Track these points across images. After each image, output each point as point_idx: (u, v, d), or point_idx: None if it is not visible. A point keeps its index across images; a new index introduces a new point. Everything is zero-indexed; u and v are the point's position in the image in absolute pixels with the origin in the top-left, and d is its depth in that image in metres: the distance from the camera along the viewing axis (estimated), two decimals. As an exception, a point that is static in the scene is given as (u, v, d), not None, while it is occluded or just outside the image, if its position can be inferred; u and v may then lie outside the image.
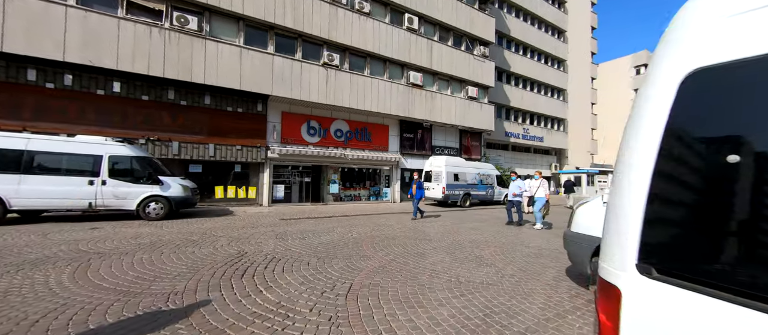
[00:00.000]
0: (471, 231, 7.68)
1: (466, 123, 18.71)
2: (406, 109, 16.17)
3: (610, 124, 40.48)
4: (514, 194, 8.75)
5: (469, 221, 9.58)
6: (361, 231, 7.29)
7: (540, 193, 8.49)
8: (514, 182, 8.94)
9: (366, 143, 15.83)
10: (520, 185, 8.82)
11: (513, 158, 25.72)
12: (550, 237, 7.11)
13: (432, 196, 14.97)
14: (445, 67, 17.80)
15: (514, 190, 8.79)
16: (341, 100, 14.09)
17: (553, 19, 28.01)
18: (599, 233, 3.15)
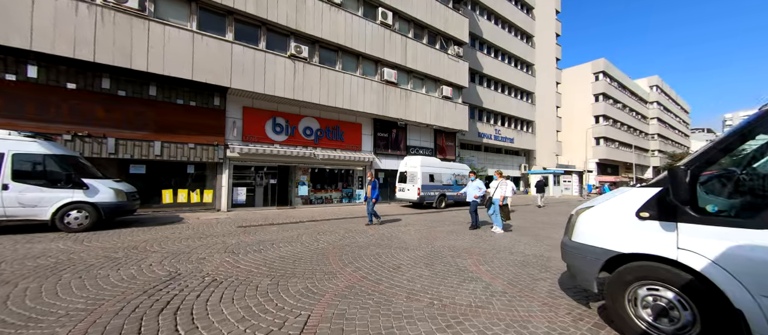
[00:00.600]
0: (449, 236, 7.14)
1: (441, 123, 18.44)
2: (380, 107, 15.50)
3: (572, 127, 42.84)
4: (475, 197, 8.21)
5: (447, 225, 9.08)
6: (329, 239, 6.46)
7: (497, 195, 7.93)
8: (473, 182, 8.38)
9: (338, 143, 14.93)
10: (479, 186, 8.28)
11: (486, 159, 26.05)
12: (531, 241, 6.76)
13: (407, 197, 14.43)
14: (419, 65, 17.39)
15: (474, 192, 8.23)
16: (310, 95, 13.09)
17: (522, 24, 28.85)
18: (611, 245, 2.64)
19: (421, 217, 11.09)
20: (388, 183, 17.02)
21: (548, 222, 10.26)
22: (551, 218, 11.42)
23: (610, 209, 2.66)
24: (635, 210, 2.47)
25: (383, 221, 9.51)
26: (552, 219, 11.19)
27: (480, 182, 8.36)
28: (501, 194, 7.85)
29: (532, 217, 11.77)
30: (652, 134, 55.44)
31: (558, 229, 8.64)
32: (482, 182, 8.58)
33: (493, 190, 8.06)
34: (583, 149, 40.05)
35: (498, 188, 7.97)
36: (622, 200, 2.61)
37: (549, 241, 6.76)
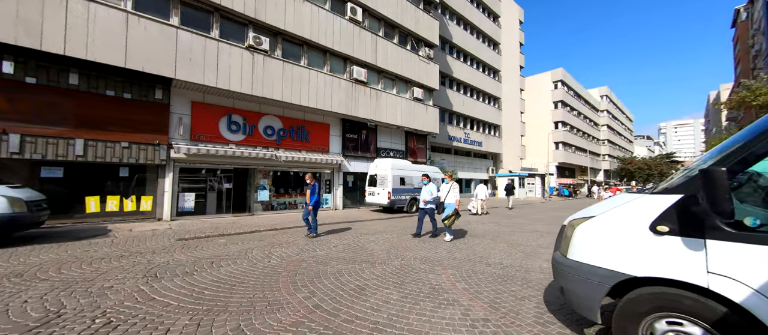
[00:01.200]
0: (421, 245, 6.56)
1: (412, 125, 18.08)
2: (349, 106, 14.72)
3: (534, 132, 45.11)
4: (424, 201, 7.50)
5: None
6: (285, 254, 5.57)
7: (450, 199, 7.30)
8: (426, 186, 7.60)
9: (303, 144, 13.89)
10: (431, 190, 7.54)
11: (455, 162, 26.24)
12: (506, 248, 6.38)
13: (377, 202, 13.77)
14: (390, 65, 16.90)
15: (424, 196, 7.53)
16: (272, 92, 11.97)
17: (489, 32, 29.71)
18: (619, 266, 1.97)
19: (392, 222, 10.47)
20: (357, 187, 16.25)
21: (519, 226, 10.13)
22: (521, 222, 11.37)
23: (616, 221, 2.17)
24: (649, 223, 1.98)
25: (346, 228, 8.73)
26: (522, 222, 11.13)
27: (433, 186, 7.65)
28: (454, 197, 7.26)
29: (504, 220, 11.66)
30: (603, 139, 60.26)
31: (529, 234, 8.46)
32: (435, 186, 7.79)
33: (444, 195, 7.41)
34: (544, 153, 42.27)
35: (450, 192, 7.32)
36: (631, 209, 2.12)
37: (523, 248, 6.43)
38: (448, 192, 7.35)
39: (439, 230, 7.92)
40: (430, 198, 7.47)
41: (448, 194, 7.33)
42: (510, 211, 16.79)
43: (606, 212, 2.28)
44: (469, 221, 11.36)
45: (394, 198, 13.38)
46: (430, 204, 7.49)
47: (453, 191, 7.32)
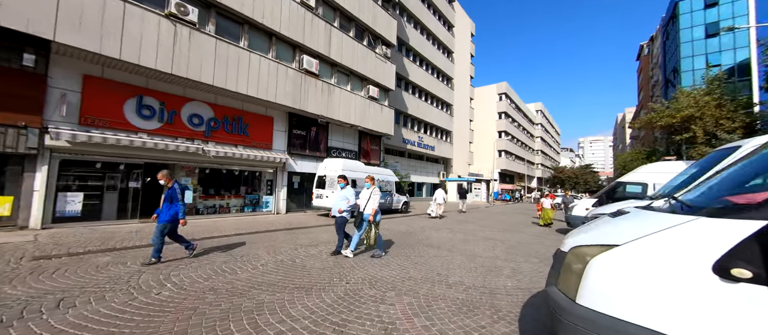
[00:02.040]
0: (368, 262, 5.64)
1: (366, 124, 17.20)
2: (297, 99, 13.24)
3: (480, 139, 47.87)
4: (340, 211, 5.87)
5: (369, 241, 7.60)
6: (188, 279, 4.15)
7: (368, 209, 5.80)
8: (342, 190, 6.11)
9: (240, 137, 12.01)
10: (347, 196, 5.97)
11: (408, 165, 26.09)
12: (464, 262, 5.79)
13: (325, 205, 12.52)
14: (345, 59, 15.81)
15: (339, 204, 5.91)
16: (200, 73, 10.00)
17: (445, 40, 30.45)
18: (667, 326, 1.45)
19: (340, 230, 9.39)
20: (304, 188, 14.76)
21: (471, 233, 9.86)
22: (473, 228, 11.21)
23: (656, 255, 1.49)
24: (713, 262, 1.31)
25: (284, 238, 7.41)
26: (474, 229, 10.95)
27: (350, 191, 6.08)
28: (372, 207, 5.74)
29: (457, 226, 11.38)
30: (537, 150, 66.87)
31: (483, 243, 8.13)
32: (354, 191, 6.19)
33: (363, 202, 5.83)
34: (490, 159, 45.04)
35: (370, 199, 5.81)
36: (677, 238, 1.46)
37: (482, 261, 5.92)
38: (368, 200, 5.82)
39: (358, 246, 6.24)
40: (346, 206, 5.89)
41: (368, 203, 5.80)
42: (462, 214, 17.09)
43: (636, 239, 1.60)
44: (424, 227, 10.83)
45: (344, 202, 12.28)
46: (345, 213, 5.94)
47: (373, 198, 5.83)
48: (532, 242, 8.45)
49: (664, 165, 8.65)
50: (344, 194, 6.04)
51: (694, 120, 19.64)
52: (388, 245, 7.13)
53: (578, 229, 2.46)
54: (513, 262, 5.83)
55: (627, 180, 9.18)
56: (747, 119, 18.79)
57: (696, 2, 31.57)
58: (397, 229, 10.07)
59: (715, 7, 30.42)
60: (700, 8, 31.26)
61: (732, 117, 18.72)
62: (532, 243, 8.20)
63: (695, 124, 19.53)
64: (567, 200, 15.81)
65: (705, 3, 31.02)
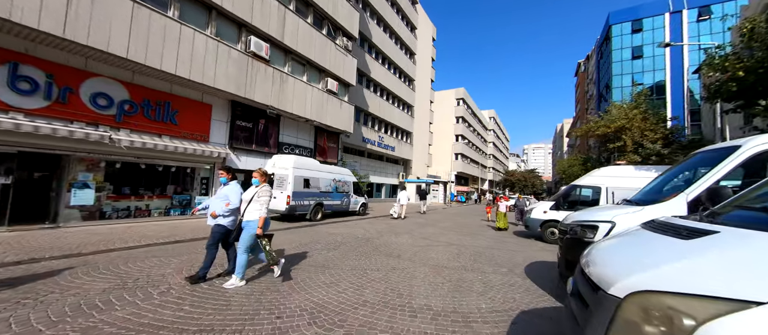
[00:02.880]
0: (318, 276, 4.59)
1: (324, 120, 15.91)
2: (242, 86, 11.53)
3: (438, 142, 48.98)
4: (213, 215, 4.17)
5: (318, 250, 6.50)
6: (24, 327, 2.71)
7: (253, 215, 4.16)
8: (224, 189, 4.31)
9: (166, 126, 10.00)
10: (229, 195, 4.22)
11: (368, 165, 25.21)
12: (429, 274, 5.03)
13: (273, 208, 11.03)
14: (301, 46, 14.38)
15: (214, 207, 4.19)
16: (107, 41, 7.95)
17: (407, 40, 30.25)
18: None
19: (287, 236, 8.10)
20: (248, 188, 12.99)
21: (433, 237, 9.27)
22: (434, 232, 10.68)
23: None
24: None
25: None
26: (435, 232, 10.41)
27: (232, 190, 4.27)
28: (259, 213, 4.11)
29: (418, 230, 10.75)
30: (489, 154, 70.86)
31: (445, 249, 7.53)
32: (239, 190, 4.33)
33: (245, 206, 4.25)
34: (447, 162, 46.23)
35: (253, 200, 4.20)
36: None
37: (448, 273, 5.23)
38: (252, 199, 4.20)
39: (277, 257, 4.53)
40: (224, 211, 4.14)
41: (250, 205, 4.19)
42: (422, 216, 16.76)
43: None
44: (382, 231, 10.00)
45: (294, 203, 10.96)
46: (225, 219, 4.19)
47: (259, 199, 4.17)
48: (494, 247, 8.08)
49: (616, 169, 8.96)
50: (225, 193, 4.24)
51: (625, 131, 21.86)
52: (346, 256, 6.11)
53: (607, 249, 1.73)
54: (481, 273, 5.22)
55: (582, 183, 9.38)
56: (666, 131, 21.49)
57: (625, 27, 35.91)
58: (354, 234, 9.08)
59: (640, 33, 34.89)
60: (629, 32, 35.63)
61: (654, 129, 21.23)
62: (494, 249, 7.82)
63: (625, 134, 21.74)
64: (520, 204, 16.14)
65: (632, 29, 35.42)
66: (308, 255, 6.00)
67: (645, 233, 1.73)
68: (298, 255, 5.95)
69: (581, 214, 3.97)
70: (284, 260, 4.86)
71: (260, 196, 4.21)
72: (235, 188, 4.31)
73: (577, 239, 3.65)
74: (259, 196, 4.21)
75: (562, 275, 3.99)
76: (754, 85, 6.28)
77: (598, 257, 1.60)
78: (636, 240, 1.66)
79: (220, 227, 4.20)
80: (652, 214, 3.13)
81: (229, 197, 4.22)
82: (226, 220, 4.22)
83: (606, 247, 1.74)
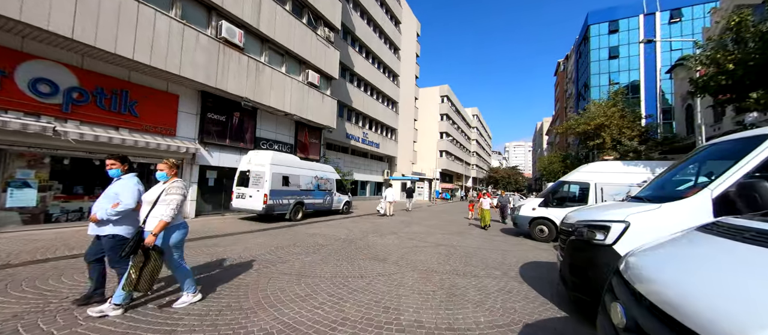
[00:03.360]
0: (292, 291, 3.99)
1: (305, 114, 15.10)
2: (212, 75, 10.58)
3: (423, 139, 48.88)
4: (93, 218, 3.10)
5: (296, 255, 5.87)
6: None
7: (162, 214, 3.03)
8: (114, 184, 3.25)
9: (125, 118, 8.96)
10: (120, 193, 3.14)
11: (352, 162, 24.53)
12: (419, 283, 4.54)
13: (248, 207, 10.27)
14: (280, 35, 13.49)
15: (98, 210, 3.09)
16: (48, 19, 6.88)
17: (391, 35, 29.67)
18: None
19: (262, 238, 7.38)
20: (223, 186, 12.10)
21: (420, 238, 8.83)
22: (420, 231, 10.25)
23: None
24: None
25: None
26: (421, 232, 9.99)
27: (128, 184, 3.21)
28: (164, 218, 3.00)
29: (404, 229, 10.28)
30: (473, 151, 71.75)
31: (433, 250, 7.09)
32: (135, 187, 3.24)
33: (147, 208, 3.12)
34: (432, 159, 46.21)
35: (160, 202, 3.11)
36: None
37: (439, 279, 4.77)
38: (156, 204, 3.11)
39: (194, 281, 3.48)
40: (110, 213, 3.04)
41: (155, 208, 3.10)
42: (408, 214, 16.42)
43: None
44: (367, 231, 9.45)
45: (272, 202, 10.20)
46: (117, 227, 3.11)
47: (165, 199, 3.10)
48: (484, 247, 7.73)
49: (605, 165, 8.85)
50: (114, 191, 3.16)
51: (604, 128, 22.37)
52: (327, 260, 5.52)
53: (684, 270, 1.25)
54: (474, 278, 4.80)
55: (569, 180, 9.21)
56: (642, 129, 22.19)
57: (603, 27, 37.04)
58: (336, 235, 8.48)
59: (616, 34, 36.10)
60: (606, 33, 36.78)
61: (631, 127, 21.87)
62: (484, 249, 7.46)
63: (605, 131, 22.26)
64: (503, 201, 15.89)
65: (609, 29, 36.58)
66: (283, 261, 5.36)
67: (724, 243, 1.27)
68: (272, 261, 5.30)
69: (586, 212, 3.58)
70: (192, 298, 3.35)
71: (169, 194, 3.11)
72: (129, 184, 3.18)
73: (584, 241, 3.25)
74: (167, 194, 3.12)
75: (565, 280, 3.60)
76: (743, 78, 6.21)
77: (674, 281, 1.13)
78: (721, 254, 1.21)
79: (113, 239, 3.05)
80: (672, 213, 2.76)
81: (119, 195, 3.10)
82: (120, 227, 3.08)
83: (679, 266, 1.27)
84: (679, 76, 22.15)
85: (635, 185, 7.98)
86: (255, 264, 5.09)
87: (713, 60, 6.37)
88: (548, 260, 6.37)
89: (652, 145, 20.83)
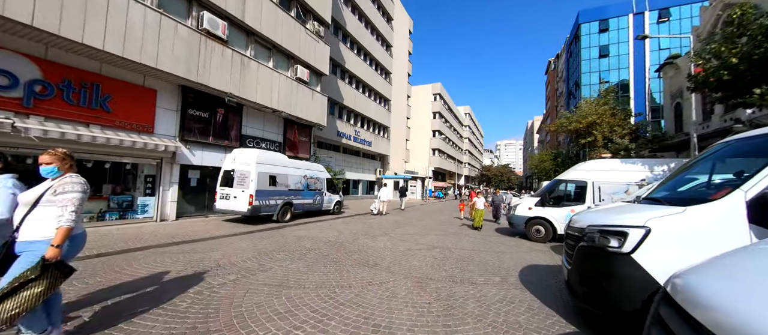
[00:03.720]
0: (271, 307, 3.55)
1: (294, 111, 14.56)
2: (193, 69, 9.97)
3: (415, 137, 48.63)
4: None
5: (280, 261, 5.42)
6: None
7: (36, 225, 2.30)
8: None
9: (95, 113, 8.32)
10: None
11: (343, 161, 24.04)
12: (414, 293, 4.15)
13: (233, 209, 9.74)
14: (266, 28, 12.91)
15: None
16: (5, 4, 6.24)
17: (383, 31, 29.21)
18: None
19: (246, 242, 6.89)
20: (206, 187, 11.50)
21: (413, 240, 8.47)
22: (414, 232, 9.90)
23: None
24: None
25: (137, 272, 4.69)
26: (415, 234, 9.63)
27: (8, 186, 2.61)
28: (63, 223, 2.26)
29: (397, 231, 9.91)
30: (465, 149, 71.93)
31: (427, 253, 6.74)
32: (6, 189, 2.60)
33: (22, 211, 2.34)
34: (425, 157, 46.02)
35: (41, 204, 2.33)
36: None
37: (434, 287, 4.41)
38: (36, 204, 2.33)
39: None
40: None
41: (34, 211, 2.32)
42: (402, 213, 16.11)
43: None
44: (358, 232, 9.03)
45: (258, 203, 9.69)
46: None
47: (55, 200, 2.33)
48: (479, 249, 7.41)
49: (602, 163, 8.63)
50: None
51: (595, 126, 22.43)
52: (313, 268, 5.08)
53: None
54: (472, 285, 4.45)
55: (567, 178, 8.97)
56: (632, 127, 22.35)
57: (593, 26, 37.34)
58: (326, 238, 8.05)
59: (607, 33, 36.44)
60: (596, 32, 37.09)
61: (622, 125, 21.99)
62: (480, 251, 7.14)
63: (596, 129, 22.32)
64: (496, 200, 15.68)
65: (599, 28, 36.90)
66: (265, 269, 4.91)
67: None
68: (252, 270, 4.84)
69: (597, 215, 3.25)
70: None
71: (62, 193, 2.33)
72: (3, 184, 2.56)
73: (597, 248, 2.91)
74: (57, 193, 2.34)
75: (573, 290, 3.27)
76: (744, 73, 6.02)
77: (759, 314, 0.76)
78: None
79: None
80: (699, 217, 2.44)
81: None
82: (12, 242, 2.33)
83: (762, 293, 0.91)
84: (668, 74, 22.38)
85: (634, 184, 7.80)
86: (232, 272, 4.63)
87: (717, 53, 6.17)
88: (547, 263, 6.09)
89: (643, 143, 20.98)
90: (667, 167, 7.65)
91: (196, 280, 4.22)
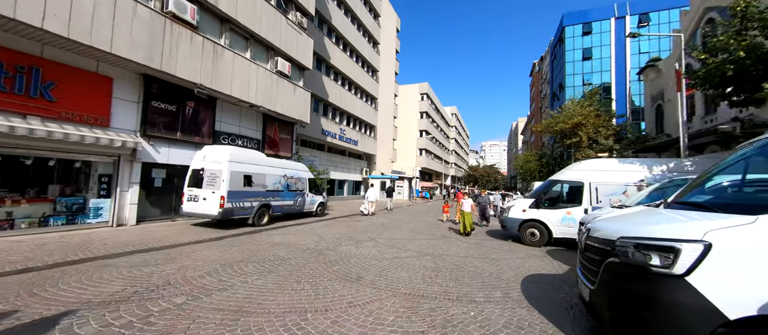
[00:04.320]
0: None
1: (274, 107, 13.60)
2: (157, 56, 8.91)
3: (402, 137, 48.14)
4: None
5: (246, 276, 4.60)
6: None
7: None
8: None
9: (36, 103, 7.17)
10: None
11: (328, 160, 23.13)
12: (403, 317, 3.46)
13: (201, 212, 8.78)
14: (243, 15, 11.92)
15: None
16: None
17: (370, 28, 28.48)
18: None
19: (208, 251, 6.00)
20: (174, 187, 10.42)
21: (401, 245, 7.79)
22: (401, 236, 9.23)
23: None
24: None
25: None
26: (402, 238, 8.97)
27: None
28: None
29: (384, 234, 9.21)
30: (451, 150, 72.19)
31: (417, 261, 6.08)
32: None
33: None
34: (412, 157, 45.58)
35: None
36: None
37: (428, 307, 3.74)
38: None
39: None
40: None
41: None
42: (389, 214, 15.51)
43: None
44: (340, 237, 8.27)
45: (231, 205, 8.76)
46: None
47: None
48: (473, 256, 6.83)
49: (599, 163, 8.25)
50: None
51: (581, 127, 22.58)
52: (282, 285, 4.29)
53: None
54: (471, 303, 3.81)
55: (561, 178, 8.55)
56: (616, 128, 22.66)
57: (577, 29, 38.06)
58: (304, 244, 7.25)
59: (590, 36, 37.21)
60: (580, 35, 37.81)
61: (606, 126, 22.24)
62: (474, 258, 6.55)
63: (582, 130, 22.47)
64: (483, 201, 14.74)
65: (583, 31, 37.63)
66: (224, 287, 4.09)
67: None
68: (208, 288, 4.01)
69: (628, 224, 2.66)
70: None
71: None
72: None
73: (636, 267, 2.31)
74: None
75: (597, 313, 2.67)
76: (749, 68, 5.71)
77: None
78: None
79: None
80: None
81: None
82: None
83: None
84: (649, 77, 22.79)
85: (632, 185, 7.46)
86: (182, 293, 3.79)
87: (726, 46, 5.84)
88: (548, 271, 5.56)
89: (626, 144, 21.26)
90: (666, 168, 7.34)
91: (131, 306, 3.37)
